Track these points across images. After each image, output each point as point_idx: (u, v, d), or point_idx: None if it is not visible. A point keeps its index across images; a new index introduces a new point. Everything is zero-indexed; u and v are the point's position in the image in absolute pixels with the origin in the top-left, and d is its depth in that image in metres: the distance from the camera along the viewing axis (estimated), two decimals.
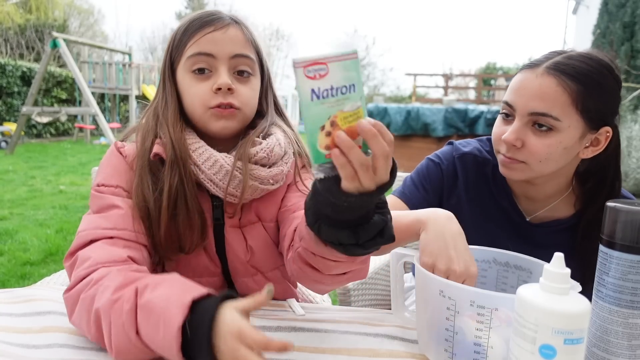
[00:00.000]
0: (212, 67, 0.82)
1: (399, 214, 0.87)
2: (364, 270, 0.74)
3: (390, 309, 0.81)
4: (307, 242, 0.68)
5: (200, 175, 0.81)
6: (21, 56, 16.04)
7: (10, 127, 9.59)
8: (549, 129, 0.85)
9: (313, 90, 0.51)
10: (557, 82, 0.84)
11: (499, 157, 0.93)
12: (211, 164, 0.81)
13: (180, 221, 0.80)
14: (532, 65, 0.89)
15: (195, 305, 0.57)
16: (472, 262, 0.72)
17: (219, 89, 0.80)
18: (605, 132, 0.89)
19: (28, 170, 6.77)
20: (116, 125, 11.22)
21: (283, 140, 0.88)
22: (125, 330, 0.61)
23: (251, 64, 0.85)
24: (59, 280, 1.12)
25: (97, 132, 12.39)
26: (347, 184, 0.55)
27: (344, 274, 0.71)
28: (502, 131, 0.91)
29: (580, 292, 0.59)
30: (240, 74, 0.84)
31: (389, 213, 0.63)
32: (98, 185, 0.81)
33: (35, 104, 9.71)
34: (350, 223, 0.60)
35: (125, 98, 12.59)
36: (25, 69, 11.34)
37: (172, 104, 0.84)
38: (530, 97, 0.86)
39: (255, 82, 0.87)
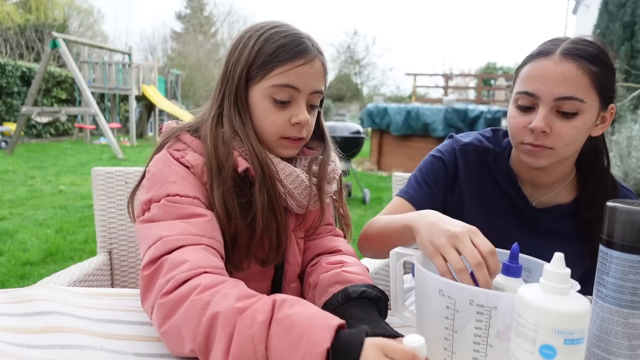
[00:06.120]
0: (292, 99, 0.82)
1: (390, 220, 0.89)
2: None
3: (390, 309, 0.81)
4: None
5: (281, 190, 0.82)
6: (21, 56, 16.05)
7: (10, 127, 9.60)
8: (574, 112, 0.88)
9: None
10: (577, 66, 0.87)
11: (523, 147, 0.94)
12: (293, 179, 0.83)
13: (268, 238, 0.81)
14: (544, 54, 0.90)
15: (339, 331, 0.56)
16: (469, 225, 0.71)
17: (298, 123, 0.82)
18: (611, 109, 0.94)
19: (28, 170, 6.78)
20: (116, 125, 11.22)
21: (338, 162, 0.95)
22: (253, 343, 0.56)
23: (321, 98, 0.88)
24: (58, 280, 1.12)
25: (97, 132, 12.41)
26: None
27: None
28: (524, 121, 0.92)
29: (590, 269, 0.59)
30: (312, 108, 0.86)
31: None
32: (172, 195, 0.74)
33: (35, 104, 9.71)
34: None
35: (125, 98, 12.60)
36: (25, 69, 11.35)
37: (249, 122, 0.83)
38: (554, 84, 0.88)
39: (317, 112, 0.90)
